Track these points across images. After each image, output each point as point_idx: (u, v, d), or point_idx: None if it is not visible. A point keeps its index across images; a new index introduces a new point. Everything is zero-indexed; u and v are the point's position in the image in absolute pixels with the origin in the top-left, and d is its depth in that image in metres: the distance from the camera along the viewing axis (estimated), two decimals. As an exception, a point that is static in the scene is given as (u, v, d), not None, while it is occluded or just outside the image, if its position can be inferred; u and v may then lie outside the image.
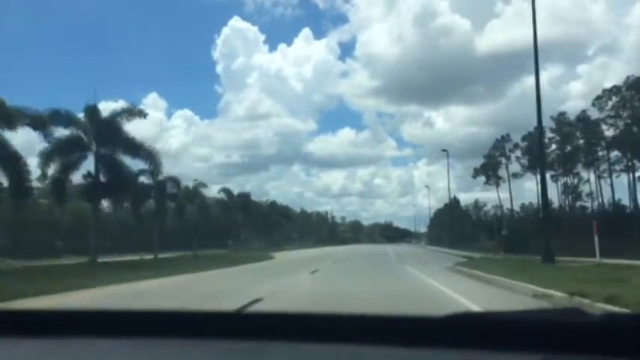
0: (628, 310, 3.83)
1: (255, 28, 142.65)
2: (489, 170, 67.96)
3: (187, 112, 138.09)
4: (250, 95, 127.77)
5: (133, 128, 30.11)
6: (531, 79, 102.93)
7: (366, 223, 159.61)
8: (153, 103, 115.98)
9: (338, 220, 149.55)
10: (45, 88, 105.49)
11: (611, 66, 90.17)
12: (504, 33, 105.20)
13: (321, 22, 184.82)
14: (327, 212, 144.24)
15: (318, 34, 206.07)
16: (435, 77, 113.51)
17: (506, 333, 1.09)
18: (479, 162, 69.53)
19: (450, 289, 11.55)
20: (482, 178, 69.42)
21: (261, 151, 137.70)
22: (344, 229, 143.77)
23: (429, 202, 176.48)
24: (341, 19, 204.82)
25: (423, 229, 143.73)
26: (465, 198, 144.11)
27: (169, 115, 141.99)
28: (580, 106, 67.52)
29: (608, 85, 55.92)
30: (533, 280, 11.34)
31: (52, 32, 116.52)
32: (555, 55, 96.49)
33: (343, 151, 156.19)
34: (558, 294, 8.27)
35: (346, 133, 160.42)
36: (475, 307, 8.11)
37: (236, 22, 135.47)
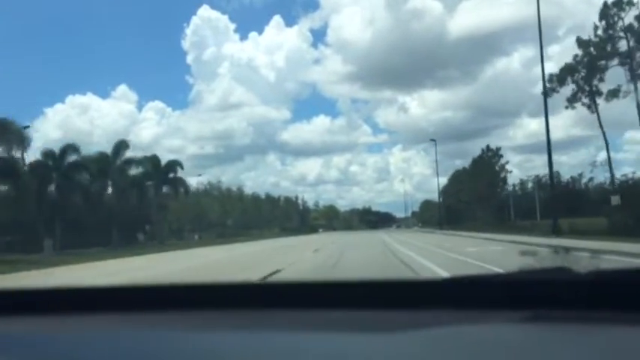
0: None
1: (226, 17, 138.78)
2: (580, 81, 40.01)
3: (159, 104, 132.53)
4: (222, 85, 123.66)
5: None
6: (504, 62, 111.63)
7: (343, 209, 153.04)
8: (123, 95, 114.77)
9: (311, 207, 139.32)
10: (7, 81, 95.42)
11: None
12: (476, 15, 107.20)
13: (292, 9, 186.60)
14: (297, 197, 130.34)
15: (290, 20, 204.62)
16: (408, 61, 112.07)
17: (498, 293, 1.15)
18: (454, 147, 66.18)
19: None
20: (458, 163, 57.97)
21: (235, 141, 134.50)
22: (316, 216, 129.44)
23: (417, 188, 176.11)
24: (312, 5, 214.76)
25: (402, 214, 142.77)
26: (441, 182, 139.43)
27: (140, 107, 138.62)
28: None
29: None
30: None
31: (14, 22, 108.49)
32: (528, 35, 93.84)
33: (318, 139, 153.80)
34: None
35: (321, 121, 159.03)
36: None
37: (205, 11, 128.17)
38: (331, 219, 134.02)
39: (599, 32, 38.05)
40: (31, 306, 1.33)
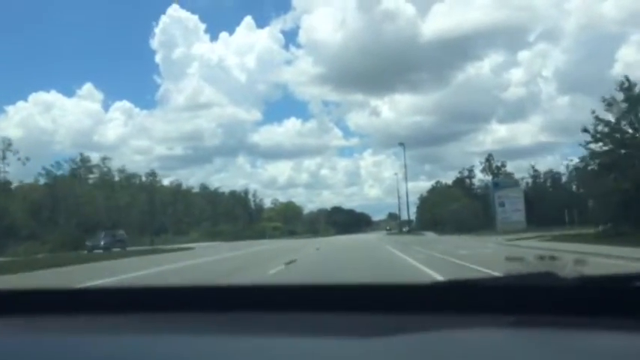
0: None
1: (196, 17, 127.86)
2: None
3: (126, 104, 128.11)
4: (191, 85, 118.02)
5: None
6: (475, 67, 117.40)
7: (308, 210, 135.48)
8: (88, 94, 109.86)
9: (269, 204, 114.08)
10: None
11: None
12: (448, 19, 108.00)
13: (264, 10, 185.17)
14: (246, 192, 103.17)
15: (261, 21, 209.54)
16: (379, 64, 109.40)
17: (483, 297, 1.16)
18: (424, 151, 62.41)
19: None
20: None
21: (205, 142, 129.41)
22: (270, 216, 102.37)
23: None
24: (284, 6, 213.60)
25: (380, 216, 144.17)
26: (411, 187, 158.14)
27: (106, 106, 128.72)
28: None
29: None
30: None
31: None
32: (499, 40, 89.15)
33: (289, 142, 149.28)
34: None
35: (292, 123, 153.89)
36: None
37: (175, 10, 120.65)
38: (290, 220, 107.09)
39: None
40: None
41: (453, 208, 59.06)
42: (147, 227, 60.25)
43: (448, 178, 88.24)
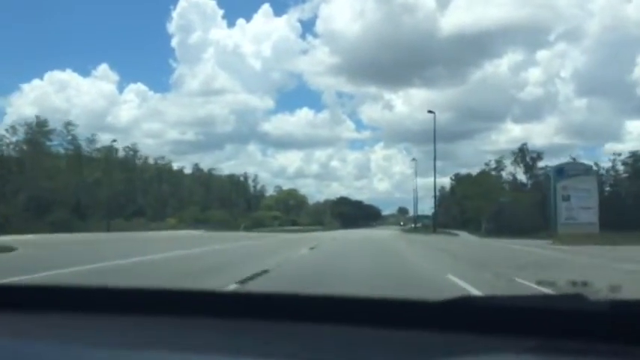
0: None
1: (213, 2, 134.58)
2: None
3: (140, 86, 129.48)
4: (206, 70, 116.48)
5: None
6: (493, 64, 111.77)
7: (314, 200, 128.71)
8: (104, 74, 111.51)
9: (272, 192, 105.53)
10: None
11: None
12: (468, 14, 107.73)
13: None
14: (245, 176, 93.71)
15: (278, 9, 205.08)
16: (396, 57, 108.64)
17: (505, 318, 1.10)
18: (437, 148, 54.04)
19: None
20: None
21: (216, 128, 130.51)
22: (269, 204, 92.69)
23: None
24: None
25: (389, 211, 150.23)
26: (423, 183, 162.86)
27: (121, 88, 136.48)
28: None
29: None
30: None
31: None
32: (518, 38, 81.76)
33: (301, 132, 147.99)
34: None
35: (304, 113, 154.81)
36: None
37: None
38: (292, 209, 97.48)
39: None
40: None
41: (503, 202, 47.31)
42: (118, 209, 50.81)
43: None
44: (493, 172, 68.95)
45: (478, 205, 50.14)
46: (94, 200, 49.15)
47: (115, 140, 59.29)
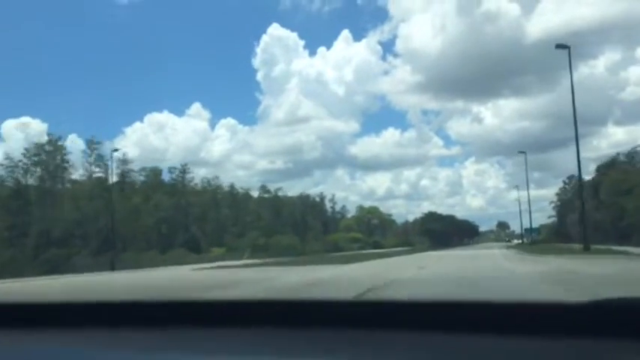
0: None
1: (295, 34, 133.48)
2: None
3: (230, 121, 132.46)
4: (290, 99, 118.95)
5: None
6: (589, 65, 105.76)
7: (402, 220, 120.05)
8: (197, 112, 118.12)
9: (352, 212, 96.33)
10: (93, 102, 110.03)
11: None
12: (557, 15, 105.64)
13: (360, 19, 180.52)
14: (322, 197, 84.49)
15: (358, 34, 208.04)
16: (481, 69, 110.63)
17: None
18: (532, 159, 37.54)
19: None
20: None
21: (304, 155, 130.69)
22: (349, 224, 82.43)
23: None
24: (381, 16, 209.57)
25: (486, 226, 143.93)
26: (523, 196, 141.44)
27: (213, 124, 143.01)
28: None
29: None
30: None
31: (92, 48, 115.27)
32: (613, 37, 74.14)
33: (387, 153, 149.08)
34: None
35: (390, 134, 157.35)
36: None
37: (275, 29, 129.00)
38: (375, 230, 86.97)
39: None
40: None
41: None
42: (160, 239, 42.74)
43: (558, 187, 79.10)
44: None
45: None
46: (132, 231, 41.47)
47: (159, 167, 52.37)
